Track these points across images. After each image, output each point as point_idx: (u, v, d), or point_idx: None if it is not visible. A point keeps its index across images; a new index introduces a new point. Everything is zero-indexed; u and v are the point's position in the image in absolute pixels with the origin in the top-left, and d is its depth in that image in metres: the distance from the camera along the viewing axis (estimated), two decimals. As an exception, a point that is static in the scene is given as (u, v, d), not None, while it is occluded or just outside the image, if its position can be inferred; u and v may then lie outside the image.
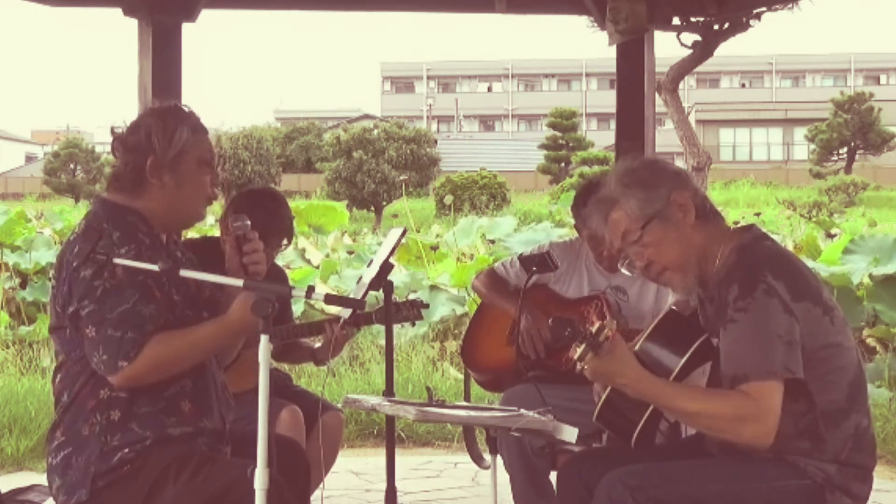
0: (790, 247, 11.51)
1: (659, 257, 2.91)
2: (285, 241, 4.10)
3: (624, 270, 3.07)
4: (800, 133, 53.93)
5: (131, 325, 2.79)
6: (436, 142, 41.41)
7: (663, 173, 2.99)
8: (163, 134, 2.93)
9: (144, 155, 2.93)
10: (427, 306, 4.12)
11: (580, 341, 2.68)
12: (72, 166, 45.74)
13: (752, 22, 7.81)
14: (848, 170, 44.45)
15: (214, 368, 3.06)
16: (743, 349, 2.75)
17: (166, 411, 2.89)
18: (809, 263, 6.80)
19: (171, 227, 3.09)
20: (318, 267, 11.22)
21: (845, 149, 46.67)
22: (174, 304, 2.91)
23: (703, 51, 8.48)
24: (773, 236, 3.20)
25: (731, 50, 62.58)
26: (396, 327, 4.12)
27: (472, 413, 3.10)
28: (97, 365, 2.81)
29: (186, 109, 3.03)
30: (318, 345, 4.15)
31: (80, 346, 2.87)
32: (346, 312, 3.82)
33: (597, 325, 2.69)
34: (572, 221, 4.51)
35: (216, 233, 4.96)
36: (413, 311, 3.98)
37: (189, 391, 2.93)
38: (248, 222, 3.03)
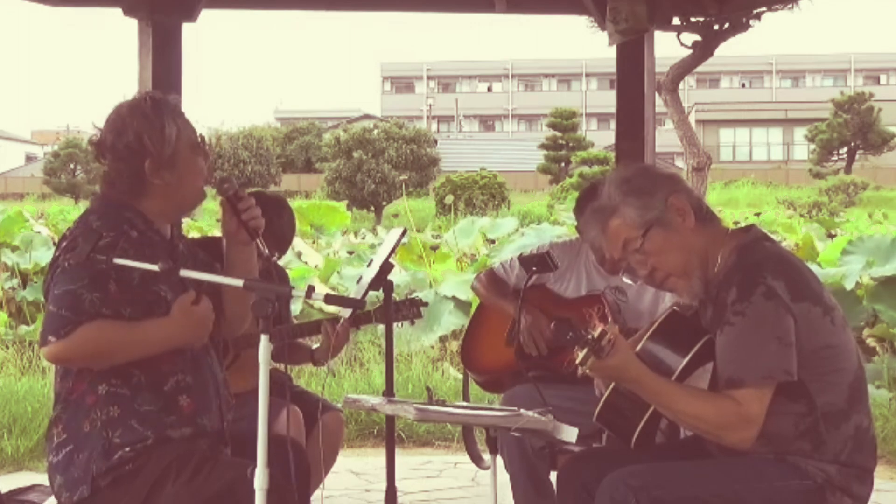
0: (788, 247, 11.49)
1: (662, 264, 2.91)
2: (276, 256, 4.01)
3: (625, 279, 3.07)
4: (800, 133, 53.96)
5: (68, 304, 2.77)
6: (436, 142, 41.44)
7: (658, 179, 3.00)
8: (154, 133, 2.88)
9: (141, 158, 2.88)
10: (426, 304, 4.11)
11: (582, 346, 2.68)
12: (72, 166, 45.71)
13: (752, 22, 7.78)
14: (848, 170, 44.48)
15: (214, 365, 3.05)
16: (738, 353, 2.76)
17: (166, 409, 2.88)
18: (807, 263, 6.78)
19: (176, 215, 3.09)
20: (316, 267, 11.22)
21: (845, 149, 46.69)
22: (164, 301, 2.87)
23: (703, 51, 8.45)
24: (773, 236, 3.21)
25: (731, 50, 62.46)
26: (397, 329, 4.11)
27: (472, 413, 3.10)
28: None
29: (158, 96, 2.96)
30: (316, 345, 4.14)
31: None
32: (346, 312, 3.82)
33: (598, 329, 2.69)
34: (570, 221, 4.51)
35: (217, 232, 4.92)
36: (413, 309, 3.97)
37: (187, 386, 2.92)
38: (234, 181, 2.99)
